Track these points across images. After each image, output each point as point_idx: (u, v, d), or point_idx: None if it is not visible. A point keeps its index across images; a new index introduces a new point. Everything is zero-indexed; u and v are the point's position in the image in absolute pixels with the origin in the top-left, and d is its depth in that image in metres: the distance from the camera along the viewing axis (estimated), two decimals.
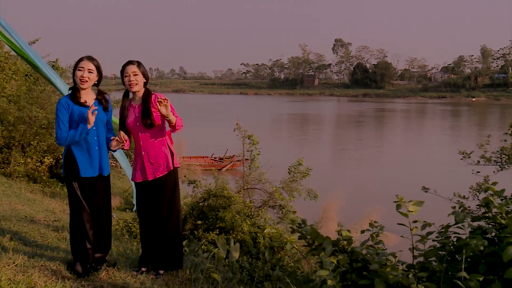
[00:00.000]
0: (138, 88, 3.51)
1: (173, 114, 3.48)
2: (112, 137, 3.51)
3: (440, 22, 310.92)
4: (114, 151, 3.62)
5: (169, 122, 3.46)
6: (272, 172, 8.43)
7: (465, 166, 6.47)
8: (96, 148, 3.42)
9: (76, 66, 3.39)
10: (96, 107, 3.33)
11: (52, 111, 8.84)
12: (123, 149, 3.51)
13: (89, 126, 3.29)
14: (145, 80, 3.54)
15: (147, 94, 3.53)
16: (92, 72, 3.39)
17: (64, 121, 3.33)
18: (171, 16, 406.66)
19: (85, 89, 3.42)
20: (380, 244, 2.76)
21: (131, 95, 3.59)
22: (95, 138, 3.41)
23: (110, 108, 3.58)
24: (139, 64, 3.51)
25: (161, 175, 3.53)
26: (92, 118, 3.28)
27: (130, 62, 3.51)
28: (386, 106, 73.98)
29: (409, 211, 2.54)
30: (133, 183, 4.05)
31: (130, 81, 3.46)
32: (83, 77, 3.35)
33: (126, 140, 3.42)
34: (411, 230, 2.57)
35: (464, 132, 39.08)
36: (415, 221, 2.57)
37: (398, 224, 2.65)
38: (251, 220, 6.38)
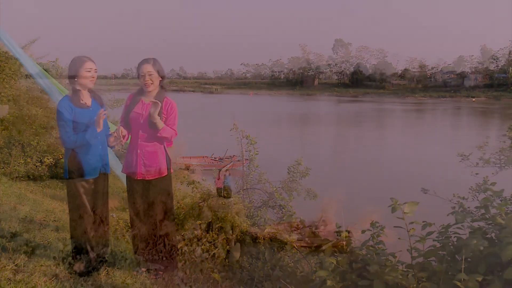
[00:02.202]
0: (153, 88, 3.51)
1: (172, 126, 3.48)
2: (110, 132, 3.54)
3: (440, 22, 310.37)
4: (112, 147, 3.63)
5: (155, 124, 3.42)
6: (272, 172, 8.42)
7: (464, 168, 6.47)
8: (100, 147, 3.45)
9: (80, 67, 3.37)
10: (106, 111, 3.39)
11: (52, 111, 8.85)
12: (120, 144, 3.52)
13: (98, 130, 3.34)
14: (160, 79, 3.52)
15: (161, 95, 3.51)
16: (96, 73, 3.44)
17: (69, 123, 3.34)
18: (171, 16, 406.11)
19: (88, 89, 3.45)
20: (381, 245, 2.77)
21: (144, 91, 3.58)
22: (98, 137, 3.44)
23: (104, 105, 3.61)
24: (154, 63, 3.49)
25: (151, 179, 3.51)
26: (101, 123, 3.33)
27: (145, 61, 3.49)
28: (386, 106, 73.93)
29: (404, 212, 2.55)
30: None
31: (145, 81, 3.46)
32: (93, 77, 3.40)
33: (124, 136, 3.42)
34: (408, 231, 2.57)
35: (464, 132, 39.05)
36: (412, 222, 2.58)
37: (394, 227, 2.66)
38: (251, 220, 6.38)
